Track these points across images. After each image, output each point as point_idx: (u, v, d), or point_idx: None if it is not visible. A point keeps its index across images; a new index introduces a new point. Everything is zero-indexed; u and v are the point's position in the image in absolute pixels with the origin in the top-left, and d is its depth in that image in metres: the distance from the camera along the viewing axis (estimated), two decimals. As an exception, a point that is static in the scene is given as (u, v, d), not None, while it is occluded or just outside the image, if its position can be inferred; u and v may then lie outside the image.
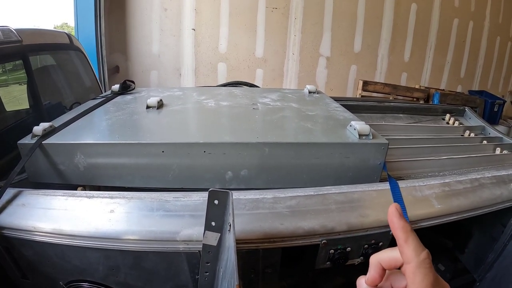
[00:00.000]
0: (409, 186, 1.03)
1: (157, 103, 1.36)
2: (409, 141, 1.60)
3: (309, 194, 0.92)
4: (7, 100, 1.57)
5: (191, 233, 0.77)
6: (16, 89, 1.69)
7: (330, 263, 0.90)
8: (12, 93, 1.69)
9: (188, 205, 0.83)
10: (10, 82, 1.67)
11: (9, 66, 1.66)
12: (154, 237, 0.77)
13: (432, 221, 0.96)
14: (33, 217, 0.84)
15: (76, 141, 1.04)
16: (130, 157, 1.02)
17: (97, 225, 0.80)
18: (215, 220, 0.66)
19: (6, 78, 1.65)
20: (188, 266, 0.81)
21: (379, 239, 0.91)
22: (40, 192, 0.92)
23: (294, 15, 4.65)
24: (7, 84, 1.67)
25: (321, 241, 0.84)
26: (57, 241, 0.81)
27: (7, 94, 1.64)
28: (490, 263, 1.24)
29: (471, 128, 1.88)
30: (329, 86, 5.03)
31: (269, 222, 0.81)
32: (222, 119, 1.32)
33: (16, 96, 1.68)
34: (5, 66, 1.65)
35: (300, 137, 1.09)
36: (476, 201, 1.04)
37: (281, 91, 1.82)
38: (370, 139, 1.08)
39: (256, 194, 0.90)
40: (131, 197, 0.86)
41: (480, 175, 1.14)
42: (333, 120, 1.30)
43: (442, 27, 5.40)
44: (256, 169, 1.03)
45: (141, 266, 0.83)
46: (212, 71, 4.64)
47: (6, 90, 1.66)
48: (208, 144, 1.00)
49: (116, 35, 4.26)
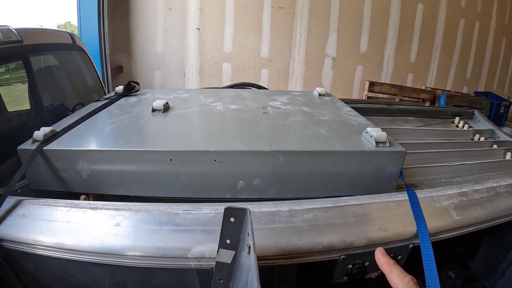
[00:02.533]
0: (427, 196, 0.99)
1: (163, 106, 1.32)
2: (421, 146, 1.56)
3: (327, 207, 0.87)
4: (8, 102, 1.53)
5: (204, 250, 0.72)
6: (18, 88, 1.65)
7: (347, 278, 0.86)
8: (13, 94, 1.65)
9: (199, 219, 0.79)
10: (11, 83, 1.63)
11: (10, 67, 1.62)
12: (164, 254, 0.72)
13: (451, 233, 0.92)
14: (34, 229, 0.80)
15: (79, 148, 0.99)
16: (136, 164, 0.97)
17: (102, 240, 0.75)
18: (230, 238, 0.61)
19: (8, 77, 1.61)
20: (199, 283, 0.77)
21: (398, 253, 0.87)
22: (41, 201, 0.88)
23: (300, 15, 4.60)
24: (9, 84, 1.63)
25: (339, 256, 0.80)
26: (59, 256, 0.77)
27: (8, 95, 1.60)
28: (502, 271, 1.20)
29: (481, 131, 1.85)
30: (335, 86, 4.99)
31: (286, 238, 0.77)
32: (232, 124, 1.27)
33: (17, 97, 1.64)
34: (5, 67, 1.61)
35: (315, 144, 1.04)
36: (494, 211, 1.01)
37: (290, 93, 1.77)
38: (387, 146, 1.04)
39: (271, 206, 0.85)
40: (138, 209, 0.81)
41: (496, 183, 1.11)
42: (346, 125, 1.25)
43: (448, 28, 5.35)
44: (269, 178, 0.98)
45: (149, 282, 0.79)
46: (217, 71, 4.60)
47: (6, 92, 1.62)
48: (219, 152, 0.95)
49: (119, 34, 4.22)
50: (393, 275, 0.46)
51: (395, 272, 0.47)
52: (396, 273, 0.47)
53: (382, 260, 0.49)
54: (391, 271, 0.47)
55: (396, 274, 0.46)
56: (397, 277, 0.46)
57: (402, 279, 0.45)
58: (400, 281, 0.45)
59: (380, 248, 0.51)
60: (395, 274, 0.46)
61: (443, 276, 1.39)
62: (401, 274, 0.46)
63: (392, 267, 0.48)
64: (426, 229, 0.87)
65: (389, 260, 0.49)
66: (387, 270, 0.48)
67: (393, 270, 0.47)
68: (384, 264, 0.49)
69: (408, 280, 0.45)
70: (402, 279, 0.45)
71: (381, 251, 0.51)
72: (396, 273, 0.47)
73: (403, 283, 0.45)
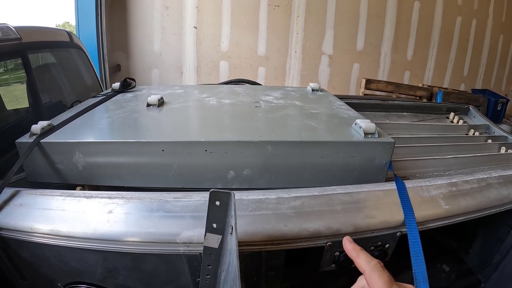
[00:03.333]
0: (415, 186, 1.00)
1: (158, 101, 1.34)
2: (414, 140, 1.57)
3: (314, 195, 0.89)
4: (6, 99, 1.55)
5: (192, 235, 0.74)
6: (17, 88, 1.66)
7: (335, 265, 0.87)
8: (12, 92, 1.66)
9: (188, 206, 0.81)
10: (10, 80, 1.65)
11: (9, 65, 1.64)
12: (154, 239, 0.74)
13: (439, 222, 0.93)
14: (30, 217, 0.82)
15: (75, 140, 1.02)
16: (129, 156, 0.99)
17: (95, 226, 0.77)
18: (216, 222, 0.64)
19: (7, 78, 1.63)
20: (189, 269, 0.79)
21: (385, 241, 0.88)
22: (38, 192, 0.90)
23: (297, 13, 4.61)
24: (8, 82, 1.65)
25: (326, 243, 0.82)
26: (54, 243, 0.79)
27: (6, 92, 1.62)
28: (496, 264, 1.22)
29: (475, 127, 1.86)
30: (332, 84, 5.00)
31: (273, 224, 0.79)
32: (224, 117, 1.30)
33: (17, 95, 1.66)
34: (4, 66, 1.63)
35: (304, 135, 1.07)
36: (484, 202, 1.01)
37: (284, 89, 1.80)
38: (376, 137, 1.06)
39: (259, 194, 0.87)
40: (130, 197, 0.84)
41: (487, 175, 1.12)
42: (337, 118, 1.27)
43: (445, 25, 5.36)
44: (259, 168, 1.01)
45: (140, 268, 0.81)
46: (214, 69, 4.62)
47: (5, 89, 1.64)
48: (209, 142, 0.97)
49: (117, 33, 4.24)
50: (360, 259, 0.48)
51: (362, 256, 0.49)
52: (363, 257, 0.48)
53: (349, 246, 0.51)
54: (358, 256, 0.49)
55: (363, 259, 0.48)
56: (364, 261, 0.48)
57: (368, 263, 0.47)
58: (367, 265, 0.47)
59: (347, 237, 0.53)
60: (362, 258, 0.48)
61: (438, 270, 1.41)
62: (368, 258, 0.48)
63: (359, 252, 0.49)
64: (413, 216, 0.87)
65: (356, 246, 0.51)
66: (354, 255, 0.50)
67: (360, 255, 0.49)
68: (351, 250, 0.50)
69: (375, 264, 0.47)
70: (369, 263, 0.47)
71: (348, 239, 0.53)
72: (363, 257, 0.48)
73: (370, 266, 0.46)
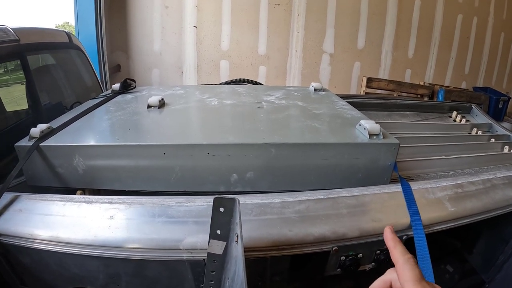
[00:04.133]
0: (421, 188, 0.99)
1: (159, 102, 1.32)
2: (417, 140, 1.56)
3: (319, 198, 0.87)
4: (6, 100, 1.53)
5: (195, 241, 0.72)
6: (17, 89, 1.65)
7: (341, 270, 0.86)
8: (12, 94, 1.65)
9: (191, 211, 0.79)
10: (9, 82, 1.64)
11: (8, 68, 1.62)
12: (156, 246, 0.73)
13: (445, 224, 0.92)
14: (30, 223, 0.81)
15: (75, 143, 1.00)
16: (130, 159, 0.98)
17: (96, 233, 0.76)
18: (220, 229, 0.62)
19: (7, 79, 1.62)
20: (192, 275, 0.77)
21: (391, 244, 0.87)
22: (38, 196, 0.89)
23: (297, 12, 4.59)
24: (7, 84, 1.64)
25: (332, 247, 0.80)
26: (55, 249, 0.77)
27: (6, 94, 1.60)
28: (500, 264, 1.20)
29: (478, 125, 1.84)
30: (333, 83, 4.98)
31: (278, 229, 0.77)
32: (226, 118, 1.28)
33: (16, 98, 1.65)
34: (4, 68, 1.61)
35: (308, 137, 1.05)
36: (489, 203, 1.00)
37: (285, 88, 1.78)
38: (381, 138, 1.04)
39: (263, 198, 0.86)
40: (132, 202, 0.82)
41: (492, 176, 1.10)
42: (340, 118, 1.25)
43: (446, 23, 5.32)
44: (262, 171, 0.99)
45: (143, 275, 0.80)
46: (215, 68, 4.60)
47: (5, 90, 1.62)
48: (211, 145, 0.96)
49: (117, 33, 4.22)
50: (396, 250, 0.49)
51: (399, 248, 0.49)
52: (399, 249, 0.49)
53: (389, 236, 0.51)
54: (395, 247, 0.49)
55: (399, 250, 0.48)
56: (399, 252, 0.48)
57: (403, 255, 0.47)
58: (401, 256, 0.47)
59: (390, 226, 0.54)
60: (399, 250, 0.48)
61: (441, 271, 1.39)
62: (404, 251, 0.48)
63: (397, 243, 0.50)
64: (419, 219, 0.86)
65: (395, 237, 0.51)
66: (392, 245, 0.50)
67: (397, 247, 0.49)
68: (390, 240, 0.51)
69: (409, 257, 0.47)
70: (404, 255, 0.47)
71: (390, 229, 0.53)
72: (399, 249, 0.49)
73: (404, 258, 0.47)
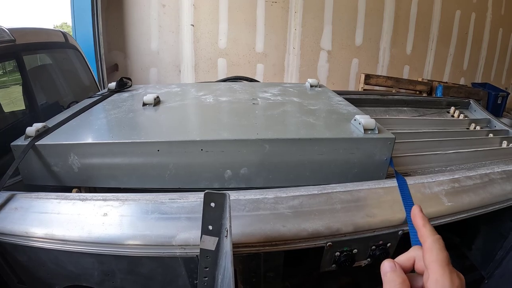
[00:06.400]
0: (417, 182, 0.98)
1: (154, 100, 1.32)
2: (415, 135, 1.55)
3: (313, 193, 0.87)
4: (3, 101, 1.53)
5: (188, 237, 0.72)
6: (15, 90, 1.65)
7: (336, 266, 0.86)
8: (9, 94, 1.65)
9: (184, 207, 0.79)
10: (7, 83, 1.64)
11: (3, 67, 1.62)
12: (149, 242, 0.73)
13: (442, 219, 0.91)
14: (25, 221, 0.81)
15: (70, 142, 1.00)
16: (125, 156, 0.98)
17: (90, 230, 0.76)
18: (212, 224, 0.62)
19: (5, 79, 1.61)
20: (186, 271, 0.77)
21: (387, 240, 0.86)
22: (33, 195, 0.89)
23: (294, 9, 4.59)
24: (4, 85, 1.63)
25: (326, 243, 0.80)
26: (50, 246, 0.78)
27: (4, 94, 1.60)
28: (499, 260, 1.19)
29: (476, 121, 1.83)
30: (331, 80, 4.98)
31: (271, 224, 0.77)
32: (221, 115, 1.28)
33: (16, 96, 1.64)
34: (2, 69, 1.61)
35: (302, 132, 1.05)
36: (487, 198, 0.99)
37: (281, 85, 1.78)
38: (376, 133, 1.04)
39: (257, 194, 0.85)
40: (125, 199, 0.82)
41: (490, 170, 1.09)
42: (336, 114, 1.25)
43: (444, 19, 5.33)
44: (256, 167, 0.99)
45: (137, 271, 0.80)
46: (212, 67, 4.60)
47: (3, 91, 1.62)
48: (205, 141, 0.96)
49: (114, 32, 4.22)
50: (425, 228, 0.47)
51: (428, 227, 0.47)
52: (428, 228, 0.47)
53: (418, 214, 0.49)
54: (424, 225, 0.47)
55: (429, 229, 0.46)
56: (428, 231, 0.46)
57: (433, 234, 0.46)
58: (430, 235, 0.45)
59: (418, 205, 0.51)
60: (428, 228, 0.46)
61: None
62: (433, 231, 0.47)
63: (427, 222, 0.48)
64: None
65: (424, 216, 0.49)
66: (421, 224, 0.47)
67: (427, 225, 0.47)
68: (419, 218, 0.48)
69: (439, 238, 0.45)
70: (433, 235, 0.46)
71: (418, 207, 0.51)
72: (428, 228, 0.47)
73: (433, 237, 0.45)
